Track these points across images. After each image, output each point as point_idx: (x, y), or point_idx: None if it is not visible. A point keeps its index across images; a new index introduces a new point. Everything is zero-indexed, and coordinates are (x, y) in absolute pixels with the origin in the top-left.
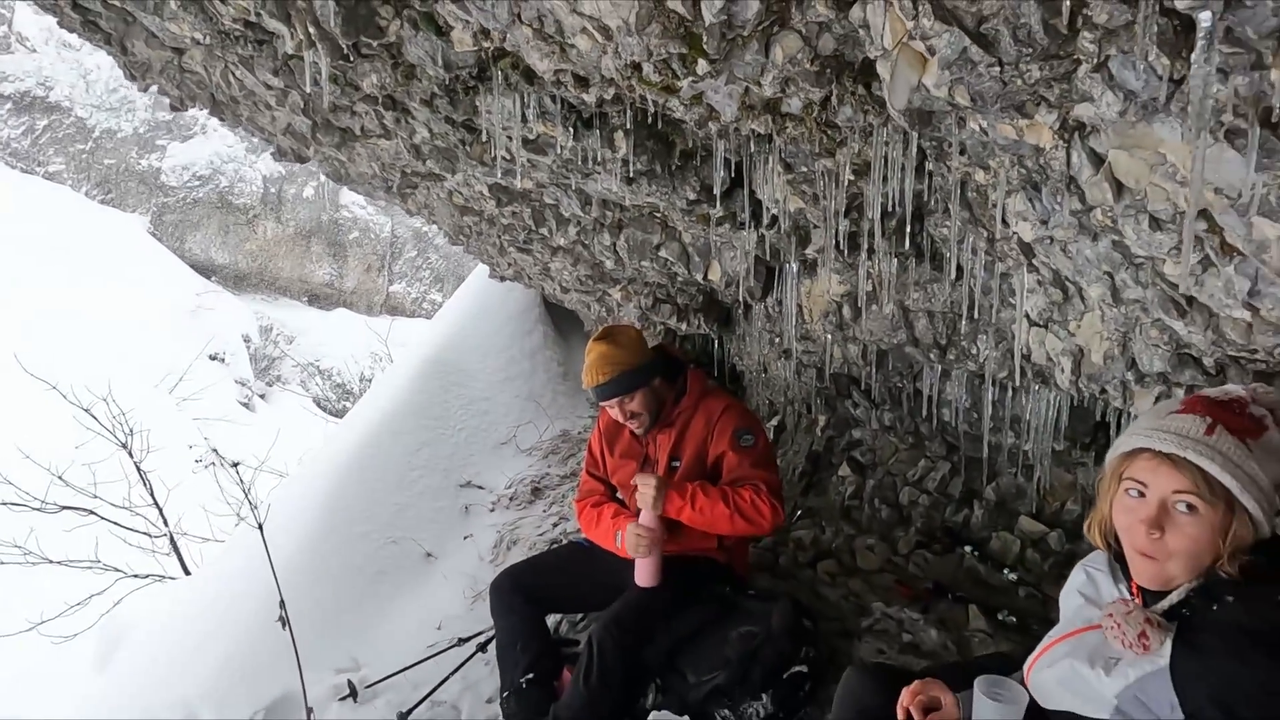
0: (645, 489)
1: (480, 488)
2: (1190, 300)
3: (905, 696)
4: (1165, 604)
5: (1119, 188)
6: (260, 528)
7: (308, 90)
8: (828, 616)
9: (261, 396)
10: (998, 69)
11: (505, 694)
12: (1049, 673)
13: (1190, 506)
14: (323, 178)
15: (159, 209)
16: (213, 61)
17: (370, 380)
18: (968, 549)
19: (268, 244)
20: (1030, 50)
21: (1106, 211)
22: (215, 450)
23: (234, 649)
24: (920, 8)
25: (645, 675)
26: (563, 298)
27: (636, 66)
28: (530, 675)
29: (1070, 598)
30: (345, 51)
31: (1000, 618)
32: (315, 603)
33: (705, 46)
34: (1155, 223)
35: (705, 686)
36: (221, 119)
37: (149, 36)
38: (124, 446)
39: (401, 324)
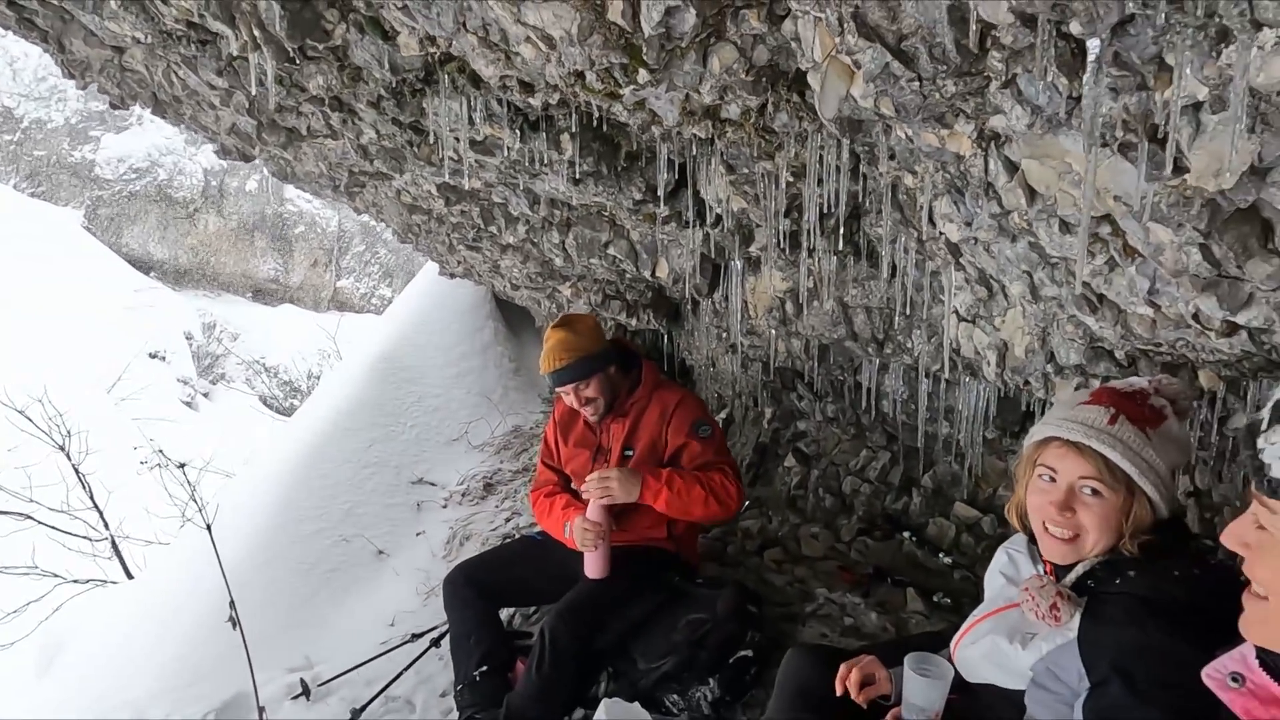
0: (594, 485)
1: (432, 484)
2: (1100, 298)
3: (843, 672)
4: (1072, 577)
5: (1031, 193)
6: (209, 528)
7: (253, 91)
8: (774, 602)
9: (205, 395)
10: (917, 83)
11: (459, 686)
12: (973, 649)
13: (1095, 490)
14: (266, 170)
15: (93, 202)
16: (154, 61)
17: (318, 378)
18: (906, 535)
19: (209, 238)
20: (945, 67)
21: (1022, 215)
22: (161, 451)
23: (184, 651)
24: (846, 25)
25: (597, 664)
26: (513, 294)
27: (579, 74)
28: (484, 667)
29: (993, 578)
30: (291, 54)
31: (936, 600)
32: (266, 602)
33: (645, 57)
34: (1065, 226)
35: (655, 673)
36: (163, 117)
37: (88, 35)
38: (61, 448)
39: (350, 320)
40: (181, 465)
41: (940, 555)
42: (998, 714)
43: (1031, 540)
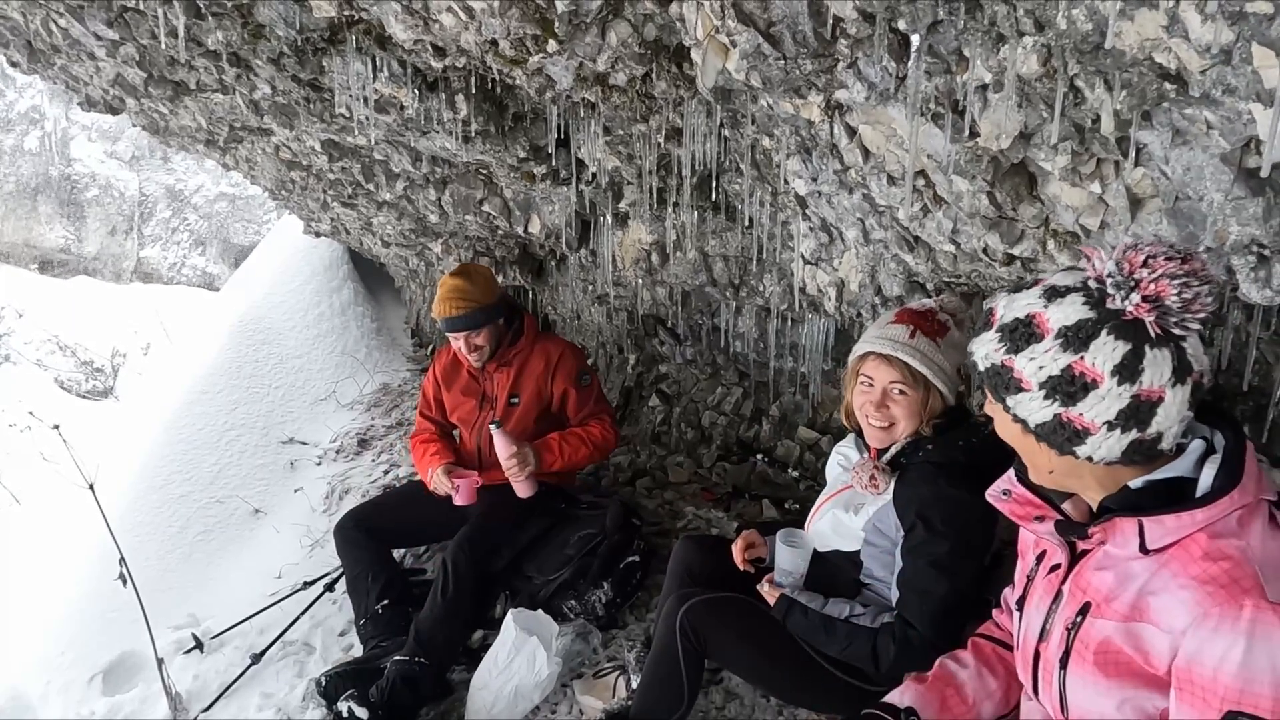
0: (514, 468)
1: (304, 443)
2: (916, 239)
3: (739, 544)
4: (888, 455)
5: (866, 153)
6: (91, 487)
7: (150, 44)
8: (648, 522)
9: None
10: (782, 61)
11: (361, 621)
12: (821, 523)
13: (902, 390)
14: (48, 126)
15: None
16: (33, 9)
17: (125, 356)
18: (759, 457)
19: None
20: (805, 49)
21: (858, 171)
22: (32, 412)
23: (54, 621)
24: (725, 10)
25: (494, 586)
26: (381, 252)
27: (494, 43)
28: (385, 601)
29: (832, 468)
30: (202, 9)
31: (787, 507)
32: (140, 566)
33: (556, 29)
34: (891, 180)
35: (553, 584)
36: (30, 67)
37: None
38: None
39: (160, 291)
40: (55, 426)
41: (788, 471)
42: (844, 572)
43: (858, 434)
